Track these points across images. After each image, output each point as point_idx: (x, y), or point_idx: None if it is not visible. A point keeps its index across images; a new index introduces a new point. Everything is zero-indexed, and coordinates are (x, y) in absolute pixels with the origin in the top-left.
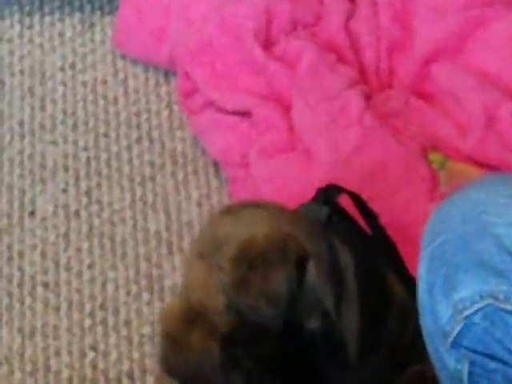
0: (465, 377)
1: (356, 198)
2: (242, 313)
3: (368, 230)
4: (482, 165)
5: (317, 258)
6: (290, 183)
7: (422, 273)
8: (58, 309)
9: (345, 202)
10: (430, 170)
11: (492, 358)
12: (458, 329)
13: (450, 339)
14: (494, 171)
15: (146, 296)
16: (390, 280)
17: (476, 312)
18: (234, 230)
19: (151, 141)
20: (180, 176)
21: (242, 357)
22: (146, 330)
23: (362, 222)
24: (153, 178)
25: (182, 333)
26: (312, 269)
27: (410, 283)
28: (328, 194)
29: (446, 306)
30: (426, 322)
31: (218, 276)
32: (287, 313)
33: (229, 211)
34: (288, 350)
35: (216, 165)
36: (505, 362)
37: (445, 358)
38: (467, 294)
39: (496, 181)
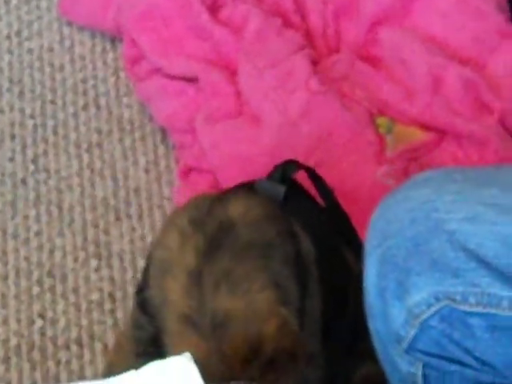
0: (419, 380)
1: (311, 173)
2: None
3: (323, 204)
4: (428, 128)
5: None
6: (237, 149)
7: (370, 276)
8: (5, 277)
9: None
10: (377, 134)
11: (448, 359)
12: (412, 333)
13: (405, 344)
14: (439, 134)
15: (93, 262)
16: (346, 254)
17: (433, 315)
18: (233, 304)
19: (98, 107)
20: (127, 142)
21: None
22: (94, 296)
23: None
24: (100, 145)
25: None
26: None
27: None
28: (285, 171)
29: (400, 310)
30: (376, 326)
31: (219, 364)
32: None
33: (200, 230)
34: None
35: (163, 131)
36: (462, 363)
37: (397, 362)
38: (422, 297)
39: (439, 177)
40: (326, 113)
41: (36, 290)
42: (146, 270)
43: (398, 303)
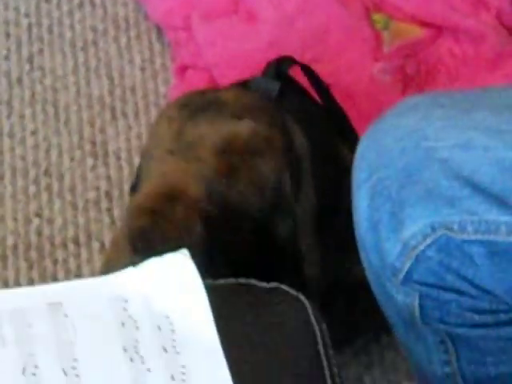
0: (416, 310)
1: (307, 70)
2: (224, 202)
3: (319, 101)
4: (425, 24)
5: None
6: (233, 46)
7: (362, 209)
8: (2, 176)
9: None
10: (373, 30)
11: (445, 289)
12: (408, 264)
13: (400, 276)
14: (436, 30)
15: (90, 161)
16: (342, 150)
17: (429, 245)
18: (210, 129)
19: (93, 6)
20: (123, 41)
21: (222, 240)
22: (91, 195)
23: (313, 93)
24: (95, 43)
25: (163, 207)
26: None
27: None
28: (279, 66)
29: (395, 242)
30: (369, 259)
31: (196, 166)
32: (271, 204)
33: (187, 107)
34: (257, 246)
35: (159, 29)
36: (460, 292)
37: (392, 294)
38: (418, 228)
39: (426, 103)
40: (322, 9)
41: (32, 189)
42: (140, 166)
43: (393, 235)
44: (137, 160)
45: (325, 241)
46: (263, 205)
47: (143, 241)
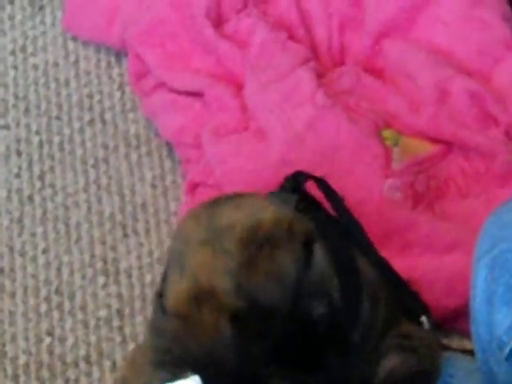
0: None
1: (321, 183)
2: (250, 295)
3: (334, 214)
4: (435, 140)
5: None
6: (243, 163)
7: (478, 281)
8: (13, 294)
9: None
10: (383, 147)
11: None
12: None
13: (506, 350)
14: (446, 146)
15: (101, 279)
16: (360, 263)
17: None
18: (237, 215)
19: (104, 123)
20: (133, 158)
21: (252, 337)
22: (102, 313)
23: (327, 205)
24: (106, 161)
25: (191, 310)
26: (318, 250)
27: (379, 264)
28: (296, 181)
29: (506, 315)
30: (479, 332)
31: (223, 259)
32: (295, 294)
33: (213, 203)
34: (294, 335)
35: (169, 146)
36: None
37: (495, 370)
38: None
39: None
40: (332, 126)
41: (44, 307)
42: (165, 271)
43: (505, 308)
44: (148, 277)
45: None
46: (285, 299)
47: (178, 346)
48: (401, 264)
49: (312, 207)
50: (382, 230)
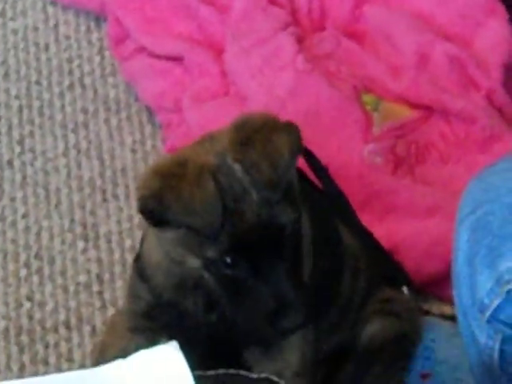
0: (496, 354)
1: (307, 153)
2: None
3: (318, 184)
4: (415, 105)
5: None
6: None
7: (460, 243)
8: None
9: None
10: (364, 112)
11: None
12: (497, 302)
13: (487, 313)
14: (426, 111)
15: (81, 244)
16: (343, 234)
17: None
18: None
19: (83, 87)
20: (113, 122)
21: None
22: (82, 278)
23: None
24: (86, 125)
25: (173, 170)
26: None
27: (361, 233)
28: None
29: (488, 277)
30: (461, 295)
31: (210, 145)
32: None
33: None
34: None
35: (149, 110)
36: None
37: (476, 333)
38: None
39: None
40: (312, 91)
41: (23, 272)
42: (143, 236)
43: (487, 270)
44: (128, 242)
45: (319, 325)
46: (277, 179)
47: (156, 203)
48: (382, 228)
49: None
50: (363, 194)
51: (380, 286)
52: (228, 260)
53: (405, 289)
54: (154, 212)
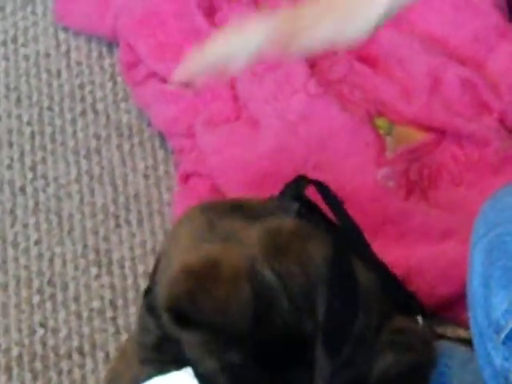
0: (511, 375)
1: (321, 186)
2: (268, 280)
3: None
4: (427, 128)
5: None
6: (237, 153)
7: (476, 265)
8: (6, 286)
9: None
10: (377, 136)
11: None
12: None
13: (503, 334)
14: (439, 134)
15: (94, 270)
16: (357, 270)
17: None
18: (245, 225)
19: (96, 113)
20: (126, 148)
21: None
22: (95, 304)
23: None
24: (98, 151)
25: (208, 270)
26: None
27: (377, 268)
28: (297, 186)
29: (503, 298)
30: (476, 316)
31: (239, 248)
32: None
33: (211, 209)
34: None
35: (162, 136)
36: None
37: (492, 355)
38: None
39: None
40: (325, 115)
41: (36, 298)
42: (155, 270)
43: (502, 291)
44: (141, 268)
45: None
46: (308, 288)
47: (188, 303)
48: (395, 253)
49: (313, 213)
50: (377, 218)
51: (391, 316)
52: (251, 364)
53: (419, 319)
54: (185, 312)
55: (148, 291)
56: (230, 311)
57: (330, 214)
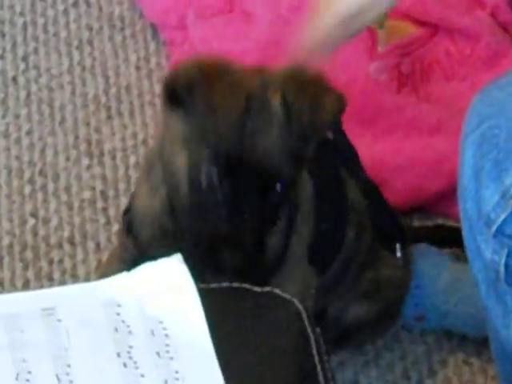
0: (501, 268)
1: None
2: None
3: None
4: (420, 23)
5: None
6: (228, 44)
7: (467, 158)
8: None
9: None
10: (369, 29)
11: None
12: (503, 216)
13: (494, 227)
14: (431, 29)
15: (85, 161)
16: (348, 187)
17: None
18: None
19: (88, 4)
20: (118, 40)
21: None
22: (86, 194)
23: None
24: (90, 43)
25: (217, 67)
26: None
27: (366, 188)
28: None
29: (494, 191)
30: (467, 209)
31: (260, 73)
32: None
33: None
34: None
35: (154, 28)
36: None
37: (481, 248)
38: None
39: None
40: None
41: (28, 189)
42: (135, 190)
43: (493, 184)
44: (132, 159)
45: (323, 277)
46: (309, 132)
47: (185, 86)
48: (386, 146)
49: None
50: (368, 111)
51: (375, 263)
52: (215, 170)
53: (398, 246)
54: (178, 92)
55: (127, 212)
56: (221, 114)
57: None
